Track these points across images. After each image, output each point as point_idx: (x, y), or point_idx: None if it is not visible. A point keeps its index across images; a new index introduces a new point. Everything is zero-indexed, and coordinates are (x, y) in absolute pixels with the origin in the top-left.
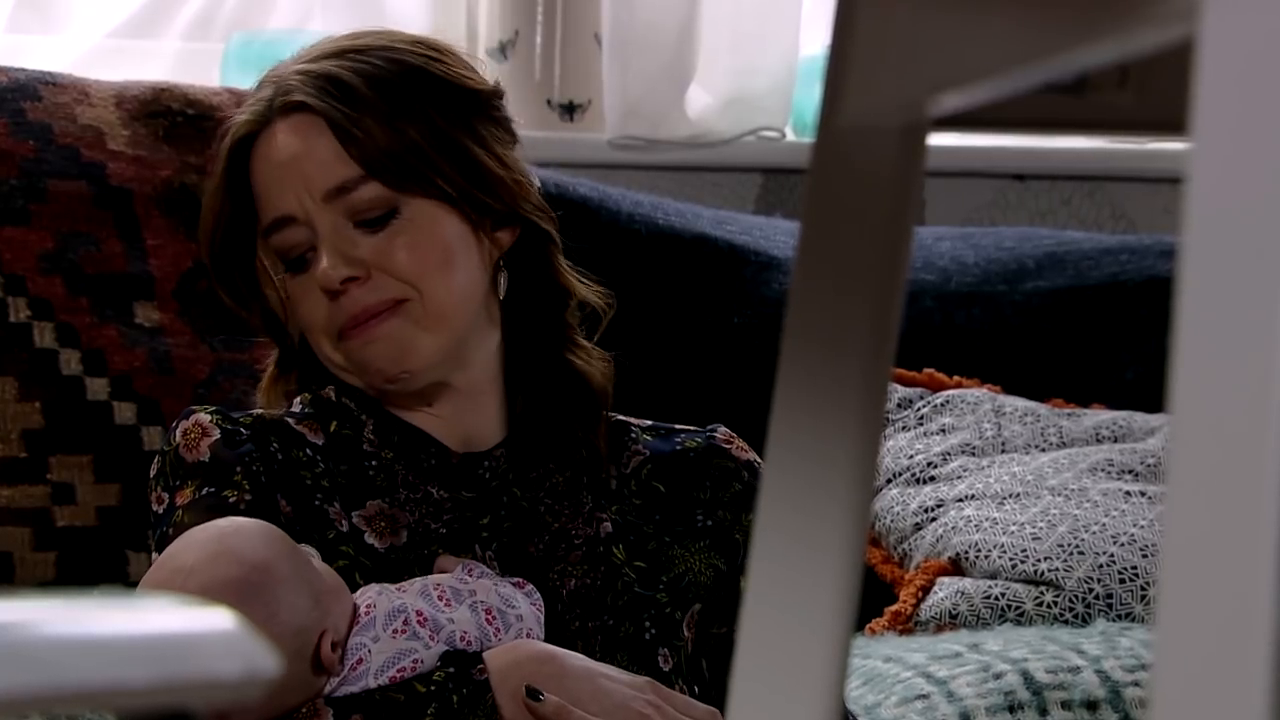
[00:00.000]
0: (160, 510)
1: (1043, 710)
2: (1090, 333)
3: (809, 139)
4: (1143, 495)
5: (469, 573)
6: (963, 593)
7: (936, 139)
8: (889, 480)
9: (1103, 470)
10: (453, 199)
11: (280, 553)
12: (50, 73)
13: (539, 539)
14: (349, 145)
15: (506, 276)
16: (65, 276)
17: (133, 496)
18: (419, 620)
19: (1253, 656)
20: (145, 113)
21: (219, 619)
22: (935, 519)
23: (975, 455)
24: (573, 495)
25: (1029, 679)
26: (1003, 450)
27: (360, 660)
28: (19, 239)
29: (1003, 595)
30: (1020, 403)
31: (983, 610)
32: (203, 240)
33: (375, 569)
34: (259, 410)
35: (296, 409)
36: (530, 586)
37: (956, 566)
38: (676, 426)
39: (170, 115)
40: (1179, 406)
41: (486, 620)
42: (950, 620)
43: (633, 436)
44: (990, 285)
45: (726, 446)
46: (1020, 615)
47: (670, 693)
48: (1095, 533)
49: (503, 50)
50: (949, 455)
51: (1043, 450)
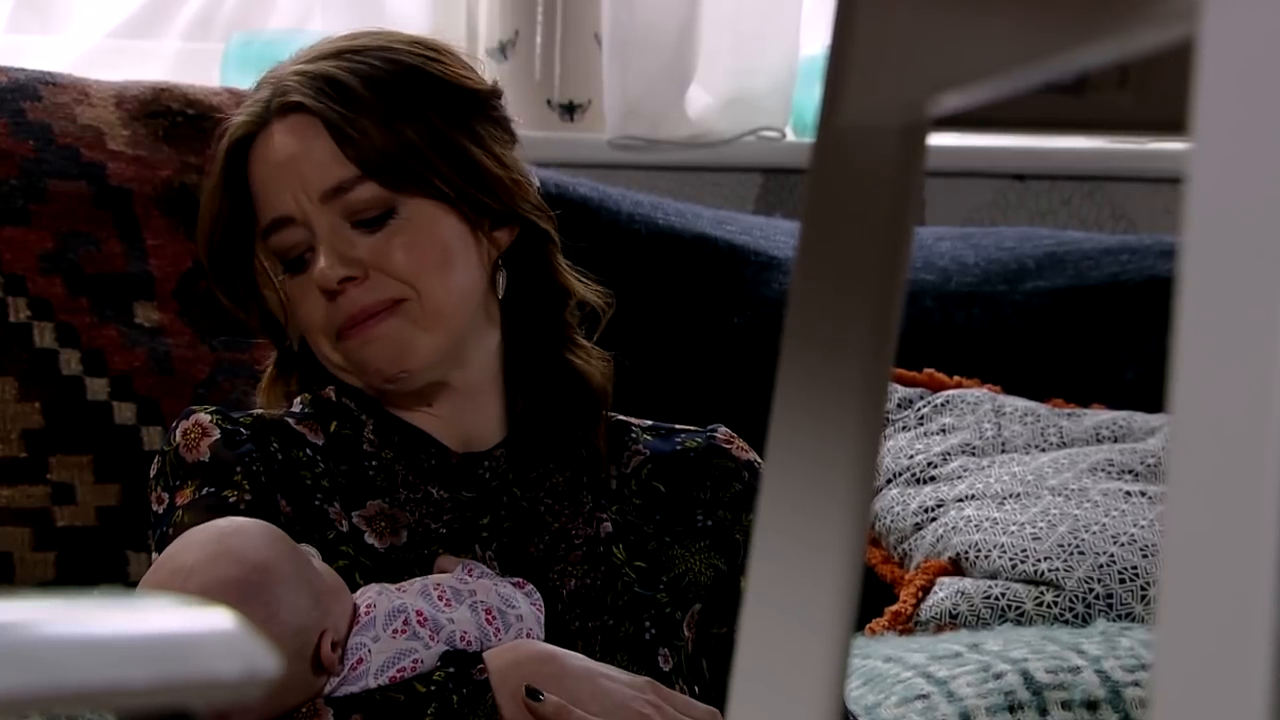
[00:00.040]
0: (160, 510)
1: (1043, 710)
2: (1090, 333)
3: (809, 139)
4: (1143, 495)
5: (469, 573)
6: (963, 593)
7: (936, 139)
8: (889, 480)
9: (1103, 470)
10: (450, 199)
11: (280, 553)
12: (50, 73)
13: (539, 539)
14: (345, 146)
15: (505, 276)
16: (65, 276)
17: (133, 497)
18: (419, 620)
19: (1253, 656)
20: (145, 113)
21: (219, 619)
22: (935, 519)
23: (975, 455)
24: (573, 495)
25: (1029, 679)
26: (1003, 450)
27: (360, 660)
28: (19, 239)
29: (1003, 595)
30: (1020, 403)
31: (983, 610)
32: (200, 241)
33: (375, 569)
34: (259, 410)
35: (297, 409)
36: (530, 586)
37: (956, 566)
38: (677, 426)
39: (170, 115)
40: (1179, 406)
41: (486, 620)
42: (950, 620)
43: (633, 436)
44: (990, 285)
45: (727, 446)
46: (1020, 615)
47: (670, 693)
48: (1095, 533)
49: (503, 50)
50: (949, 455)
51: (1043, 450)
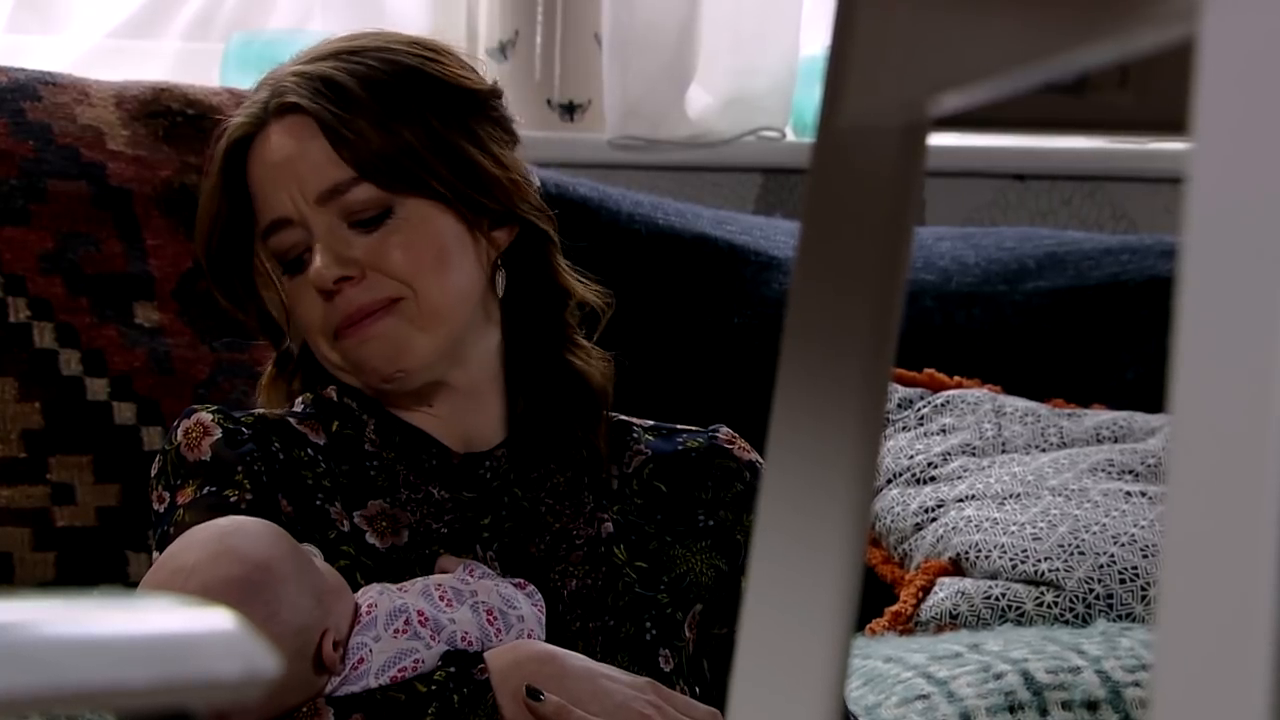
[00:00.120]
0: (161, 509)
1: (1043, 710)
2: (1091, 333)
3: (809, 139)
4: (1143, 495)
5: (470, 573)
6: (963, 593)
7: (936, 139)
8: (889, 480)
9: (1103, 470)
10: (447, 199)
11: (282, 552)
12: (50, 73)
13: (540, 539)
14: (341, 147)
15: (504, 276)
16: (65, 276)
17: (132, 497)
18: (420, 620)
19: (1253, 656)
20: (145, 113)
21: (219, 619)
22: (935, 519)
23: (975, 455)
24: (574, 495)
25: (1029, 679)
26: (1003, 450)
27: (361, 660)
28: (19, 239)
29: (1003, 595)
30: (1021, 403)
31: (983, 610)
32: (199, 242)
33: (376, 569)
34: (260, 410)
35: (298, 409)
36: (531, 587)
37: (957, 567)
38: (678, 427)
39: (170, 115)
40: (1179, 407)
41: (488, 620)
42: (950, 620)
43: (634, 436)
44: (991, 285)
45: (728, 447)
46: (1021, 615)
47: (671, 693)
48: (1096, 533)
49: (503, 50)
50: (949, 455)
51: (1043, 450)
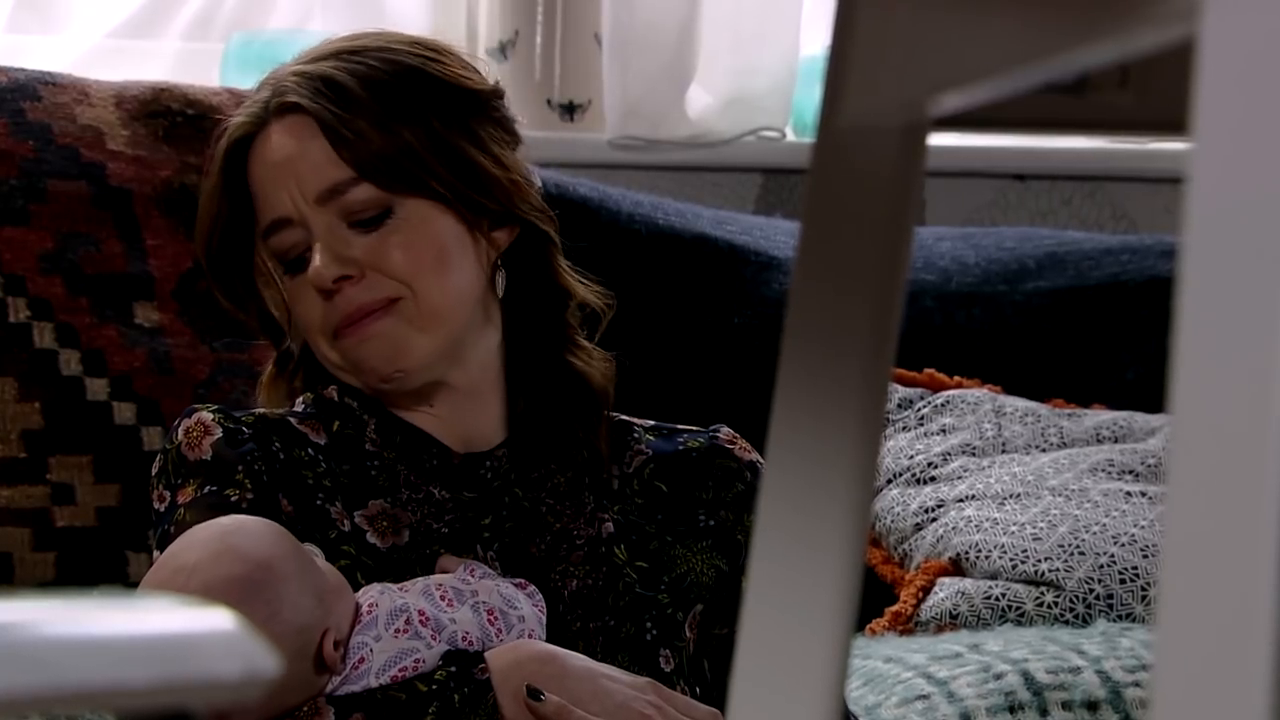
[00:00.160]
0: (162, 508)
1: (1043, 711)
2: (1091, 333)
3: (809, 139)
4: (1143, 496)
5: (471, 573)
6: (963, 593)
7: (936, 139)
8: (889, 480)
9: (1103, 470)
10: (447, 200)
11: (284, 551)
12: (50, 73)
13: (541, 539)
14: (341, 147)
15: (504, 276)
16: (65, 277)
17: (132, 497)
18: (421, 620)
19: (1253, 656)
20: (145, 113)
21: (219, 619)
22: (936, 519)
23: (976, 455)
24: (574, 495)
25: (1029, 679)
26: (1003, 450)
27: (362, 659)
28: (19, 239)
29: (1003, 596)
30: (1021, 403)
31: (983, 611)
32: (199, 241)
33: (377, 568)
34: (261, 409)
35: (299, 409)
36: (532, 587)
37: (957, 567)
38: (679, 427)
39: (170, 115)
40: (1179, 407)
41: (488, 620)
42: (951, 621)
43: (635, 436)
44: (991, 285)
45: (729, 447)
46: (1021, 616)
47: (671, 693)
48: (1096, 533)
49: (503, 50)
50: (949, 455)
51: (1043, 450)
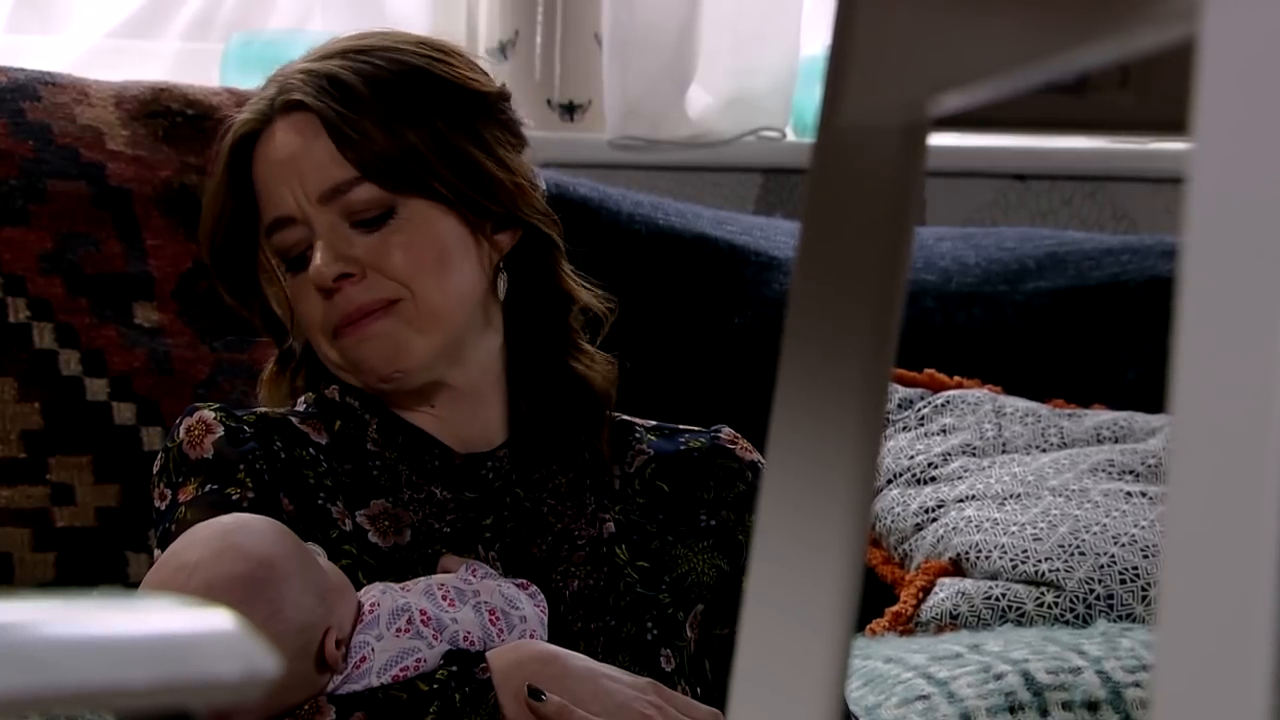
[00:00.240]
0: (163, 507)
1: (1043, 711)
2: (1091, 333)
3: (809, 139)
4: (1144, 496)
5: (473, 573)
6: (963, 593)
7: (936, 139)
8: (889, 481)
9: (1104, 471)
10: (450, 201)
11: (285, 549)
12: (50, 73)
13: (542, 540)
14: (345, 147)
15: (506, 279)
16: (65, 277)
17: (132, 497)
18: (423, 619)
19: (1253, 656)
20: (145, 113)
21: (219, 619)
22: (936, 519)
23: (976, 456)
24: (576, 496)
25: (1030, 680)
26: (1003, 451)
27: (364, 658)
28: (19, 239)
29: (1003, 596)
30: (1021, 403)
31: (983, 611)
32: (203, 239)
33: (379, 568)
34: (263, 409)
35: (300, 408)
36: (534, 587)
37: (957, 567)
38: (680, 427)
39: (170, 115)
40: (1180, 407)
41: (490, 620)
42: (951, 621)
43: (637, 436)
44: (991, 285)
45: (730, 447)
46: (1021, 616)
47: (672, 693)
48: (1096, 533)
49: (503, 50)
50: (949, 456)
51: (1043, 451)
